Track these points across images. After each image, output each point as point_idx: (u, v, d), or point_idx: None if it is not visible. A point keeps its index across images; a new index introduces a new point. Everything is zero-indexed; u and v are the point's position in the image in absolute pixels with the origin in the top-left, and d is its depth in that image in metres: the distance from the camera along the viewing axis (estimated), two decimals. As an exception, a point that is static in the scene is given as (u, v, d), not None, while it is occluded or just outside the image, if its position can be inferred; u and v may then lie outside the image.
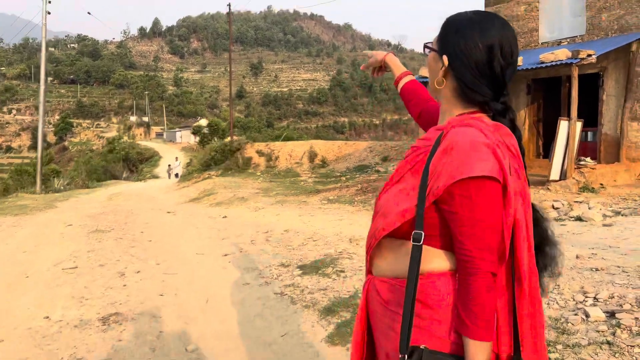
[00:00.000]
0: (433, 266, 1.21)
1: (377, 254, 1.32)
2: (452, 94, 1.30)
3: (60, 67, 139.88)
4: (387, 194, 1.30)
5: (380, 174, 15.01)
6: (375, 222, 1.31)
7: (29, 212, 10.60)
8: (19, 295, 4.81)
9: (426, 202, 1.19)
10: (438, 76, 1.29)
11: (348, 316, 3.93)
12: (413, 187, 1.23)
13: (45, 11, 19.74)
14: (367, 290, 1.37)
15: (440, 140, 1.22)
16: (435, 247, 1.22)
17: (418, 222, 1.20)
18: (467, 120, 1.23)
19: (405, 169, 1.29)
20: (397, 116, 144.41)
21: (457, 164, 1.14)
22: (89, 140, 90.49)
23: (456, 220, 1.15)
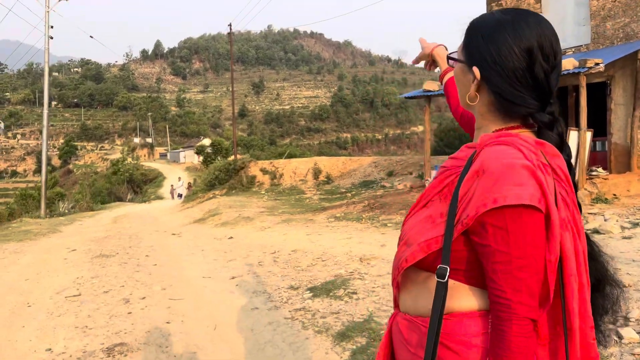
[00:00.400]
0: (460, 305, 1.05)
1: (403, 287, 1.17)
2: (488, 109, 1.13)
3: (64, 91, 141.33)
4: (412, 220, 1.15)
5: (386, 189, 14.84)
6: (399, 251, 1.15)
7: (32, 237, 10.46)
8: (21, 325, 4.64)
9: (454, 232, 1.03)
10: (470, 91, 1.13)
11: (364, 342, 3.74)
12: (441, 213, 1.07)
13: (47, 36, 19.86)
14: (391, 326, 1.23)
15: (472, 161, 1.06)
16: (464, 282, 1.07)
17: (444, 255, 1.04)
18: (502, 137, 1.06)
19: (433, 192, 1.13)
20: (399, 130, 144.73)
21: (489, 189, 0.98)
22: (93, 163, 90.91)
23: (489, 256, 0.99)
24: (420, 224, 1.11)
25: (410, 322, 1.13)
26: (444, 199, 1.09)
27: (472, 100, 1.14)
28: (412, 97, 13.65)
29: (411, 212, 1.19)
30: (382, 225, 8.53)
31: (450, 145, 26.02)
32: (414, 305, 1.13)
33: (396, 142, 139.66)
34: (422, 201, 1.16)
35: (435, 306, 1.03)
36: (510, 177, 0.97)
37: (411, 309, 1.14)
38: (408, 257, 1.10)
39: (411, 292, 1.14)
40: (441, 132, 27.86)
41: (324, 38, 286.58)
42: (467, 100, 1.15)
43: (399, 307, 1.20)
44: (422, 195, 1.17)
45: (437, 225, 1.07)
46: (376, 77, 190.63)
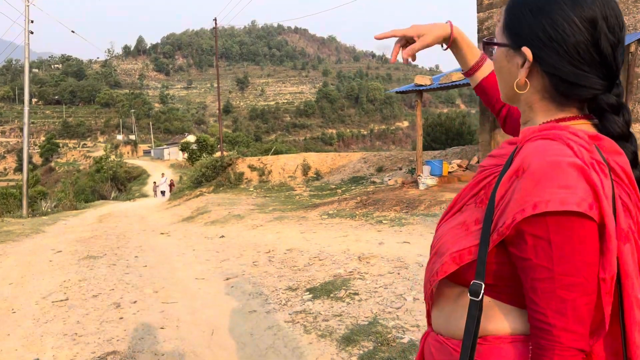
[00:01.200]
0: (497, 327, 0.89)
1: (435, 302, 1.02)
2: (541, 97, 0.95)
3: (44, 87, 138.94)
4: (445, 226, 0.99)
5: (377, 185, 14.72)
6: (430, 261, 1.00)
7: (15, 238, 10.11)
8: (5, 333, 4.38)
9: (490, 242, 0.86)
10: (519, 77, 0.95)
11: (371, 347, 3.58)
12: (476, 220, 0.91)
13: (27, 31, 19.32)
14: (423, 345, 1.07)
15: (512, 159, 0.89)
16: (503, 301, 0.90)
17: (478, 269, 0.88)
18: (548, 130, 0.89)
19: (469, 195, 0.97)
20: (384, 126, 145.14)
21: (529, 192, 0.81)
22: (75, 161, 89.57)
23: (528, 271, 0.82)
24: (453, 232, 0.95)
25: (442, 345, 0.97)
26: (480, 203, 0.93)
27: (521, 89, 0.96)
28: (403, 92, 13.52)
29: (445, 217, 1.03)
30: (377, 222, 8.39)
31: (437, 140, 26.01)
32: (446, 325, 0.97)
33: (381, 138, 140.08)
34: (456, 205, 1.00)
35: (468, 328, 0.87)
36: (554, 177, 0.80)
37: (443, 329, 0.98)
38: (439, 270, 0.94)
39: (443, 309, 0.99)
40: (428, 127, 27.83)
41: (308, 34, 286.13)
42: (515, 90, 0.97)
43: (432, 326, 1.05)
44: (456, 198, 1.01)
45: (471, 234, 0.91)
46: (361, 73, 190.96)
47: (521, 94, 0.97)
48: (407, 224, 8.04)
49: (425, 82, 11.94)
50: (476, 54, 1.30)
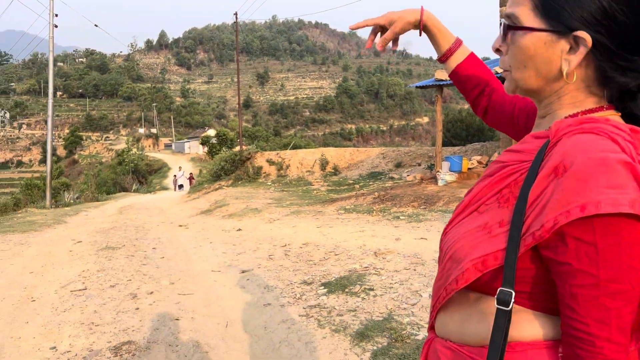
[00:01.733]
0: (522, 333, 0.83)
1: (443, 307, 0.95)
2: (576, 87, 0.86)
3: (69, 81, 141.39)
4: (460, 229, 0.90)
5: (395, 180, 14.62)
6: (444, 266, 0.91)
7: (37, 228, 10.30)
8: (24, 321, 4.46)
9: (521, 247, 0.79)
10: (569, 67, 0.84)
11: (385, 342, 3.53)
12: (500, 222, 0.84)
13: (52, 24, 19.64)
14: (426, 353, 1.00)
15: (544, 154, 0.82)
16: (528, 307, 0.84)
17: (507, 276, 0.80)
18: (587, 123, 0.81)
19: (489, 194, 0.88)
20: (404, 122, 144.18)
21: (574, 192, 0.74)
22: (98, 153, 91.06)
23: (567, 277, 0.76)
24: (472, 235, 0.86)
25: (455, 353, 0.90)
26: (505, 202, 0.85)
27: (571, 78, 0.85)
28: (423, 87, 13.37)
29: (456, 218, 0.94)
30: (394, 218, 8.31)
31: (457, 137, 25.72)
32: (459, 330, 0.90)
33: (401, 134, 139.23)
34: (471, 205, 0.91)
35: (495, 340, 0.80)
36: (603, 176, 0.73)
37: (454, 335, 0.91)
38: (458, 278, 0.86)
39: (454, 314, 0.92)
40: (448, 122, 27.53)
41: (329, 28, 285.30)
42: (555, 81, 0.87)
43: (435, 331, 0.98)
44: (471, 197, 0.92)
45: (495, 237, 0.83)
46: (381, 68, 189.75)
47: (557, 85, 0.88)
48: (424, 220, 7.95)
49: (446, 77, 11.77)
50: (449, 39, 1.24)
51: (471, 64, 1.24)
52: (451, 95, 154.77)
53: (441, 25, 1.23)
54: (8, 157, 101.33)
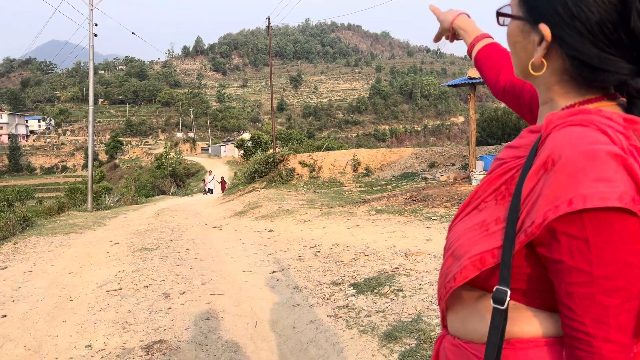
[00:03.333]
0: (522, 329, 0.80)
1: (450, 305, 0.94)
2: (560, 79, 0.85)
3: (109, 88, 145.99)
4: (461, 225, 0.90)
5: (428, 181, 14.42)
6: (446, 264, 0.91)
7: (78, 230, 10.67)
8: (62, 320, 4.62)
9: (516, 243, 0.77)
10: (535, 57, 0.84)
11: (413, 344, 3.48)
12: (497, 219, 0.82)
13: (92, 33, 20.32)
14: (438, 349, 1.00)
15: (537, 149, 0.80)
16: (529, 304, 0.81)
17: (502, 274, 0.78)
18: (577, 115, 0.79)
19: (487, 191, 0.88)
20: (438, 122, 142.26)
21: (562, 187, 0.72)
22: (138, 158, 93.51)
23: (562, 275, 0.73)
24: (471, 232, 0.86)
25: (459, 349, 0.89)
26: (502, 200, 0.84)
27: (537, 70, 0.85)
28: (455, 85, 13.15)
29: (459, 215, 0.94)
30: (426, 219, 8.20)
31: (493, 136, 25.17)
32: (463, 328, 0.90)
33: (435, 134, 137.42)
34: (472, 202, 0.90)
35: (492, 339, 0.78)
36: (591, 169, 0.70)
37: (460, 333, 0.91)
38: (457, 275, 0.85)
39: (458, 313, 0.91)
40: (483, 121, 26.97)
41: (362, 30, 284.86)
42: (529, 70, 0.87)
43: (448, 329, 0.97)
44: (472, 195, 0.91)
45: (492, 234, 0.82)
46: (415, 68, 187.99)
47: (538, 76, 0.88)
48: (457, 220, 7.82)
49: (479, 74, 11.56)
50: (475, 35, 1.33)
51: (489, 50, 1.28)
52: (486, 93, 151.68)
53: (470, 26, 1.33)
54: (53, 162, 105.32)
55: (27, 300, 5.27)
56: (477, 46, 1.30)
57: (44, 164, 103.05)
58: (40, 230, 10.63)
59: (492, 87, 1.27)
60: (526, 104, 1.17)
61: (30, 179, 79.44)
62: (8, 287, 5.83)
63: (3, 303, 5.21)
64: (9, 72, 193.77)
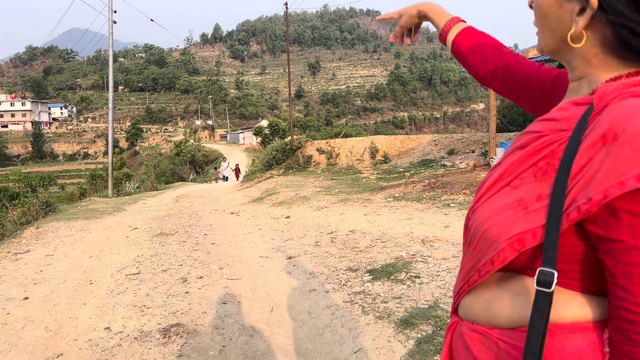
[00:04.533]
0: (561, 314, 0.76)
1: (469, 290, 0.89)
2: (599, 51, 0.79)
3: (129, 75, 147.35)
4: (490, 205, 0.83)
5: (447, 168, 14.26)
6: (476, 247, 0.84)
7: (98, 215, 10.83)
8: (82, 302, 4.69)
9: (564, 222, 0.72)
10: (575, 28, 0.79)
11: (429, 331, 3.45)
12: (538, 196, 0.77)
13: (111, 20, 20.44)
14: (450, 338, 0.94)
15: (587, 122, 0.74)
16: (568, 287, 0.77)
17: (548, 255, 0.73)
18: (637, 86, 0.73)
19: (522, 166, 0.82)
20: (458, 108, 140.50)
21: (628, 162, 0.67)
22: (157, 145, 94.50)
23: (620, 254, 0.69)
24: (505, 212, 0.80)
25: (483, 336, 0.84)
26: (542, 176, 0.78)
27: (576, 41, 0.80)
28: (476, 71, 12.91)
29: (484, 194, 0.87)
30: (444, 206, 8.11)
31: (514, 122, 24.74)
32: (487, 312, 0.84)
33: (455, 121, 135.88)
34: (502, 179, 0.84)
35: (535, 325, 0.73)
36: None
37: (481, 317, 0.85)
38: (494, 259, 0.80)
39: (480, 296, 0.85)
40: (504, 108, 26.47)
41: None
42: (567, 41, 0.81)
43: (459, 314, 0.91)
44: (502, 171, 0.85)
45: (532, 213, 0.76)
46: (435, 54, 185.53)
47: (576, 49, 0.82)
48: (476, 207, 7.72)
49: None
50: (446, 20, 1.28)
51: (469, 34, 1.23)
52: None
53: (441, 10, 1.29)
54: (75, 149, 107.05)
55: (48, 283, 5.37)
56: (453, 30, 1.25)
57: (67, 151, 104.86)
58: (62, 215, 10.82)
59: (478, 71, 1.21)
60: (523, 84, 1.11)
61: (53, 166, 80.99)
62: (30, 270, 5.95)
63: (25, 285, 5.32)
64: (31, 60, 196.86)
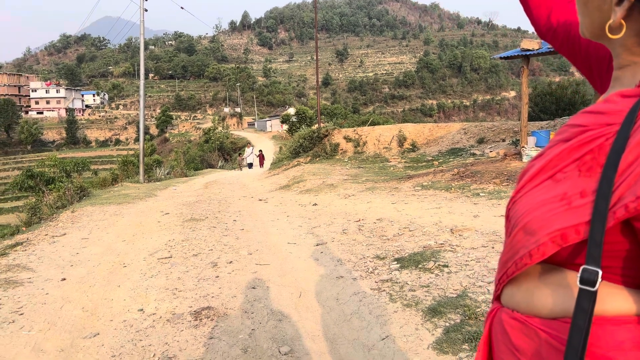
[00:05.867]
0: (605, 307, 0.75)
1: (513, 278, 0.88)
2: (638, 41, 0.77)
3: (160, 63, 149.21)
4: (532, 197, 0.82)
5: (477, 157, 14.05)
6: (515, 238, 0.84)
7: (130, 200, 11.09)
8: (117, 285, 4.85)
9: (610, 219, 0.71)
10: (613, 19, 0.77)
11: (458, 319, 3.44)
12: (582, 191, 0.75)
13: (142, 8, 20.72)
14: (490, 324, 0.93)
15: (637, 116, 0.72)
16: (615, 282, 0.75)
17: (592, 253, 0.72)
18: None
19: (566, 160, 0.80)
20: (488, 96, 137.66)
21: None
22: (187, 132, 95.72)
23: None
24: (547, 205, 0.79)
25: (523, 325, 0.83)
26: (587, 171, 0.76)
27: (615, 32, 0.77)
28: (507, 58, 12.62)
29: (526, 185, 0.86)
30: (474, 195, 8.01)
31: (546, 111, 24.09)
32: (528, 302, 0.83)
33: (485, 109, 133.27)
34: (545, 172, 0.83)
35: (578, 323, 0.71)
36: None
37: (523, 306, 0.84)
38: (533, 252, 0.79)
39: (522, 285, 0.85)
40: (536, 96, 25.76)
41: (410, 2, 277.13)
42: (605, 32, 0.79)
43: (501, 301, 0.91)
44: (545, 163, 0.83)
45: (576, 209, 0.75)
46: (465, 41, 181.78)
47: (615, 39, 0.80)
48: (506, 197, 7.59)
49: (533, 46, 11.02)
50: None
51: None
52: (540, 67, 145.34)
53: None
54: (107, 135, 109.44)
55: (84, 266, 5.56)
56: None
57: (99, 137, 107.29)
58: (96, 200, 11.13)
59: (540, 25, 1.14)
60: (582, 51, 1.06)
61: (86, 151, 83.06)
62: (67, 253, 6.16)
63: (63, 267, 5.51)
64: (65, 48, 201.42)
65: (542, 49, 11.06)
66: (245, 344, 3.44)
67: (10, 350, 3.42)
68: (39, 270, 5.38)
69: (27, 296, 4.52)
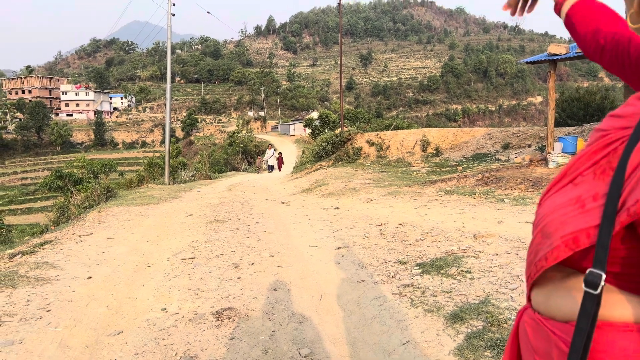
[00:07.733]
0: (612, 313, 0.74)
1: (536, 280, 0.89)
2: None
3: (186, 67, 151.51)
4: (553, 201, 0.83)
5: (502, 162, 13.85)
6: (535, 241, 0.84)
7: (155, 202, 11.27)
8: (141, 284, 4.93)
9: (616, 223, 0.70)
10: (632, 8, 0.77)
11: (480, 326, 3.40)
12: (594, 195, 0.75)
13: (170, 13, 21.09)
14: (519, 321, 0.95)
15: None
16: (621, 288, 0.74)
17: (598, 256, 0.71)
18: None
19: (586, 164, 0.80)
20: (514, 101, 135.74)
21: None
22: (212, 135, 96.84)
23: None
24: (564, 208, 0.79)
25: (538, 325, 0.84)
26: (601, 174, 0.76)
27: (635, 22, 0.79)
28: (534, 62, 12.43)
29: (551, 189, 0.86)
30: (498, 201, 7.90)
31: (573, 117, 23.61)
32: (545, 304, 0.84)
33: (511, 114, 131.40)
34: (567, 176, 0.83)
35: (581, 325, 0.71)
36: None
37: (542, 308, 0.85)
38: (547, 255, 0.79)
39: (543, 288, 0.86)
40: (563, 102, 25.29)
41: (435, 6, 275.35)
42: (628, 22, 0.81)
43: (531, 303, 0.92)
44: (567, 167, 0.84)
45: (588, 212, 0.75)
46: (490, 45, 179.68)
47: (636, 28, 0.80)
48: (531, 203, 7.46)
49: (560, 51, 10.82)
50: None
51: (582, 6, 1.10)
52: (568, 72, 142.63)
53: None
54: (134, 138, 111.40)
55: (109, 265, 5.67)
56: (569, 1, 1.13)
57: (126, 139, 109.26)
58: (122, 201, 11.34)
59: (588, 47, 1.11)
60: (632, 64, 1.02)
61: (113, 153, 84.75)
62: (93, 252, 6.30)
63: (89, 266, 5.63)
64: (95, 52, 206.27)
65: (570, 53, 10.86)
66: (265, 346, 3.46)
67: (37, 346, 3.51)
68: (66, 269, 5.51)
69: (54, 293, 4.63)
